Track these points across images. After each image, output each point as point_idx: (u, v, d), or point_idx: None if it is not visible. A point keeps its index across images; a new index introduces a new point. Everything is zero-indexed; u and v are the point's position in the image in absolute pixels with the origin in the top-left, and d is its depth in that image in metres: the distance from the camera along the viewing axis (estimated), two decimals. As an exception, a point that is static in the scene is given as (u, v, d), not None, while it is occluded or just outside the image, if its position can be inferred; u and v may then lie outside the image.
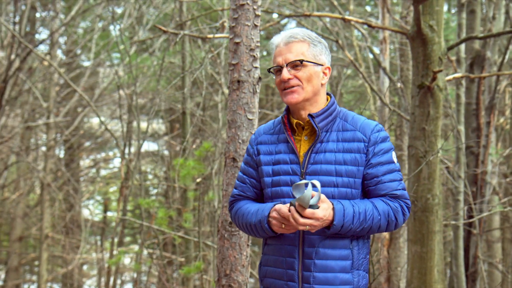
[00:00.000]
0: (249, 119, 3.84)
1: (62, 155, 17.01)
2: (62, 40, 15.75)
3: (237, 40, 3.86)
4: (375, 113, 11.59)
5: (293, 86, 2.88)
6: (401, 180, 2.90)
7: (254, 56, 3.87)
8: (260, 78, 3.90)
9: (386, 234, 10.25)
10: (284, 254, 2.88)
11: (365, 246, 2.90)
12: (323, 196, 2.72)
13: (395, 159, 2.91)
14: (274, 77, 3.01)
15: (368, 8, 15.79)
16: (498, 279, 10.23)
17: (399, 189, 2.87)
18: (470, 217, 8.25)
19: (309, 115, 2.88)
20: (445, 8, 14.64)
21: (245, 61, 3.84)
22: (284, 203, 2.84)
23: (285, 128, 2.95)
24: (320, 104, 2.95)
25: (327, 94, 3.02)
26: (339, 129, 2.90)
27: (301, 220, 2.67)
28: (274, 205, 2.84)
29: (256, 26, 3.88)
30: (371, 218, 2.78)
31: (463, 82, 8.64)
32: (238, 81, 3.84)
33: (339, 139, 2.88)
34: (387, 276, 10.16)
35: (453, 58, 9.01)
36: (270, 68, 2.98)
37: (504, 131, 12.92)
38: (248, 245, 3.84)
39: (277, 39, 2.96)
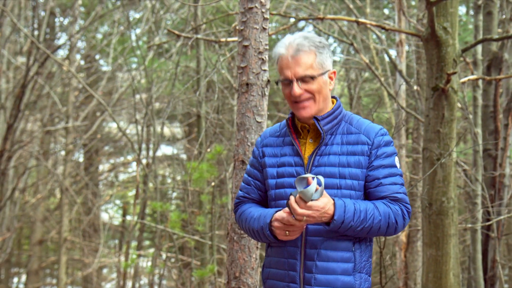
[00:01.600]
0: (257, 122, 3.84)
1: (81, 159, 17.14)
2: (81, 45, 15.89)
3: (246, 43, 3.87)
4: (392, 116, 11.53)
5: (304, 100, 2.87)
6: (402, 184, 2.89)
7: (262, 59, 3.87)
8: (268, 81, 3.90)
9: (403, 238, 10.18)
10: (286, 256, 2.88)
11: (367, 249, 2.89)
12: (325, 192, 2.72)
13: (397, 164, 2.90)
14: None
15: (386, 11, 15.72)
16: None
17: (400, 193, 2.86)
18: (488, 220, 8.15)
19: (315, 118, 2.89)
20: (464, 10, 14.54)
21: (253, 64, 3.85)
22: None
23: (290, 131, 2.95)
24: (325, 107, 2.95)
25: (333, 97, 3.02)
26: (343, 132, 2.91)
27: (300, 210, 2.67)
28: (276, 211, 2.83)
29: (264, 29, 3.88)
30: (372, 218, 2.77)
31: (480, 84, 8.55)
32: (247, 84, 3.85)
33: (343, 142, 2.88)
34: (405, 280, 10.09)
35: (470, 60, 8.92)
36: (277, 81, 2.94)
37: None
38: (257, 247, 3.84)
39: (281, 49, 2.89)
